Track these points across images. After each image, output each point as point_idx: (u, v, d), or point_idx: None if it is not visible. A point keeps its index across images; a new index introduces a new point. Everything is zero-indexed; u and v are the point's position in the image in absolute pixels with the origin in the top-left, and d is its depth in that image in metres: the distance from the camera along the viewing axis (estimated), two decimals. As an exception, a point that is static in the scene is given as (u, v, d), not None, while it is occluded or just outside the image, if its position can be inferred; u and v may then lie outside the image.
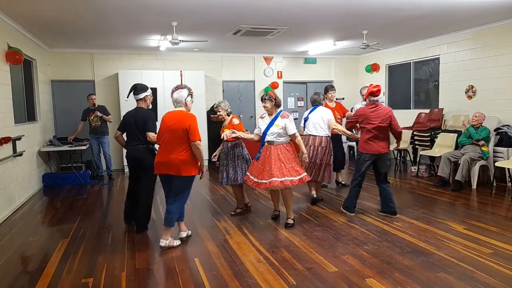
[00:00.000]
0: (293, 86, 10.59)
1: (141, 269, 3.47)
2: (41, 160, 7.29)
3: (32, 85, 7.27)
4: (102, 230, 4.63)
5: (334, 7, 5.56)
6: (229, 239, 4.16)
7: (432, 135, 7.58)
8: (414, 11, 5.87)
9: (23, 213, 5.57)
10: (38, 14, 5.54)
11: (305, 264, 3.48)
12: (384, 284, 3.05)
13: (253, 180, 4.44)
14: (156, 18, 5.92)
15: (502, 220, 4.63)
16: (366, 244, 3.91)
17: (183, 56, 9.40)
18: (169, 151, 3.81)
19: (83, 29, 6.60)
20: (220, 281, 3.18)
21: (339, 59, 10.71)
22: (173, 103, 3.98)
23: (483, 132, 6.24)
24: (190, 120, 3.79)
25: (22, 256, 3.97)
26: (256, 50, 9.47)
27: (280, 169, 4.27)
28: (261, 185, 4.32)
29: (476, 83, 7.33)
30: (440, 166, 6.41)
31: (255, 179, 4.41)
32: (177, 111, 3.94)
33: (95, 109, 7.61)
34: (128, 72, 8.76)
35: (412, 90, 9.18)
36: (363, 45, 7.47)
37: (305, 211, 5.20)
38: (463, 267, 3.33)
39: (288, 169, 4.29)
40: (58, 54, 8.55)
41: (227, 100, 5.38)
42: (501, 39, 6.78)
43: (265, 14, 5.85)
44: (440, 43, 8.08)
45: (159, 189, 7.14)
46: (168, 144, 3.83)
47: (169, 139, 3.82)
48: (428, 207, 5.26)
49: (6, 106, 5.61)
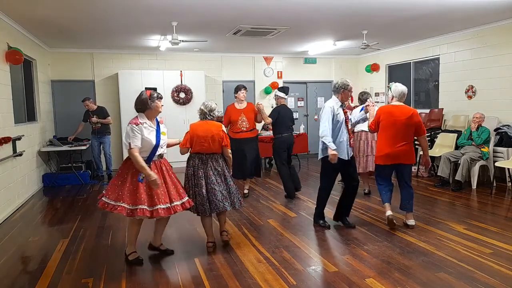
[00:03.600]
0: (293, 86, 10.56)
1: (141, 269, 3.47)
2: (41, 160, 7.29)
3: (32, 85, 7.27)
4: (102, 230, 4.63)
5: (334, 7, 5.56)
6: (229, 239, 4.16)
7: (432, 135, 7.58)
8: (414, 11, 5.87)
9: (23, 213, 5.57)
10: (38, 14, 5.53)
11: (305, 264, 3.48)
12: (384, 284, 3.05)
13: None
14: (156, 18, 5.91)
15: (502, 220, 4.63)
16: (366, 244, 3.91)
17: (183, 56, 9.40)
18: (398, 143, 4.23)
19: (83, 29, 6.60)
20: (220, 281, 3.18)
21: (339, 59, 10.71)
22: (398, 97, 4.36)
23: (483, 134, 6.23)
24: (417, 116, 4.29)
25: (22, 256, 3.97)
26: (256, 50, 9.47)
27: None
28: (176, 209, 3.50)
29: (476, 83, 7.33)
30: (440, 166, 6.41)
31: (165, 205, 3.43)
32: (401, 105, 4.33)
33: (94, 112, 7.65)
34: (128, 72, 8.76)
35: (412, 90, 9.17)
36: (363, 45, 7.47)
37: (305, 211, 5.20)
38: (463, 267, 3.33)
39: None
40: (58, 54, 8.55)
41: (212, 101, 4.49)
42: (501, 39, 6.78)
43: (265, 14, 5.85)
44: (440, 43, 8.08)
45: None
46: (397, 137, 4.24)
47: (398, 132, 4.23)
48: (428, 207, 5.26)
49: (6, 106, 5.61)
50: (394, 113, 4.26)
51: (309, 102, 10.77)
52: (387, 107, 4.41)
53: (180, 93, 9.00)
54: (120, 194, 3.35)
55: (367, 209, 5.23)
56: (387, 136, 4.28)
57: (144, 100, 3.53)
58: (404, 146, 4.24)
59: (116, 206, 3.31)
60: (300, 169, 8.57)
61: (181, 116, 8.99)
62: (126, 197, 3.33)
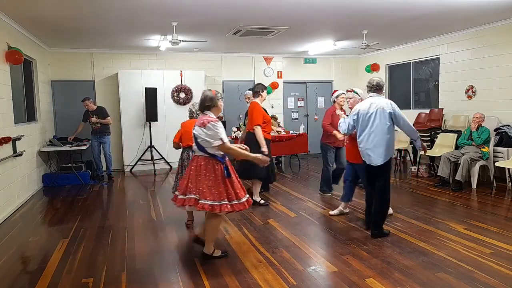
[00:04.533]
0: (293, 86, 10.59)
1: (141, 269, 3.48)
2: (41, 160, 7.29)
3: (32, 85, 7.27)
4: (102, 230, 4.63)
5: (334, 7, 5.56)
6: (229, 239, 4.16)
7: (432, 135, 7.58)
8: (414, 11, 5.87)
9: (23, 213, 5.57)
10: (38, 14, 5.53)
11: (305, 264, 3.48)
12: (384, 284, 3.05)
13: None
14: (156, 18, 5.91)
15: (502, 220, 4.63)
16: (366, 244, 3.91)
17: (183, 56, 9.41)
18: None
19: (83, 29, 6.60)
20: (220, 281, 3.18)
21: (339, 59, 10.71)
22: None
23: (483, 134, 6.23)
24: None
25: (22, 256, 3.97)
26: (256, 50, 9.47)
27: None
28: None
29: (476, 83, 7.33)
30: (440, 166, 6.41)
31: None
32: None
33: (94, 112, 7.66)
34: (128, 72, 8.77)
35: (412, 90, 9.18)
36: (363, 45, 7.47)
37: (305, 211, 5.20)
38: (463, 267, 3.33)
39: None
40: (58, 54, 8.56)
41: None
42: (501, 39, 6.78)
43: (265, 14, 5.85)
44: (440, 43, 8.08)
45: (158, 189, 7.14)
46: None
47: None
48: (428, 207, 5.26)
49: (6, 106, 5.61)
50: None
51: (309, 102, 10.77)
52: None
53: (180, 93, 9.00)
54: (220, 192, 3.38)
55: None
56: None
57: (214, 97, 3.53)
58: None
59: (220, 206, 3.36)
60: (300, 169, 8.58)
61: (181, 116, 8.95)
62: (225, 194, 3.40)
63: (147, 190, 6.94)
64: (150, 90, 8.43)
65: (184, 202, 3.47)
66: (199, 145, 3.43)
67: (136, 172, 8.62)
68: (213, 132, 3.34)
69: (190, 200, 3.41)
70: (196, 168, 3.44)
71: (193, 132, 3.48)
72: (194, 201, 3.39)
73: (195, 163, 3.47)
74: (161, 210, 5.45)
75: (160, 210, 5.45)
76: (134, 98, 8.69)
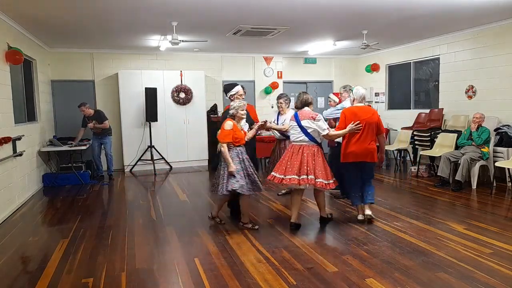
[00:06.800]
0: (293, 86, 10.58)
1: (141, 269, 3.48)
2: (41, 160, 7.29)
3: (32, 85, 7.27)
4: (102, 230, 4.63)
5: (334, 7, 5.56)
6: (229, 239, 4.16)
7: (432, 135, 7.58)
8: (414, 11, 5.87)
9: (23, 213, 5.57)
10: (38, 14, 5.54)
11: (305, 264, 3.48)
12: (384, 284, 3.05)
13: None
14: (156, 18, 5.92)
15: (502, 220, 4.63)
16: (366, 244, 3.91)
17: (183, 56, 9.40)
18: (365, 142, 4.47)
19: (83, 29, 6.60)
20: (220, 281, 3.18)
21: (339, 59, 10.71)
22: (359, 99, 4.57)
23: (483, 134, 6.22)
24: (377, 116, 4.60)
25: (22, 256, 3.97)
26: (256, 50, 9.47)
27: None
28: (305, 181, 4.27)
29: (476, 83, 7.33)
30: (440, 166, 6.41)
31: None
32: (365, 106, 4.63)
33: (91, 117, 7.65)
34: (128, 72, 8.77)
35: (412, 90, 9.18)
36: (363, 45, 7.47)
37: (304, 211, 5.20)
38: (463, 267, 3.33)
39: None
40: (58, 54, 8.55)
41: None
42: (501, 39, 6.78)
43: (265, 14, 5.85)
44: (440, 43, 8.08)
45: (158, 189, 7.13)
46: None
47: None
48: (428, 207, 5.26)
49: (6, 106, 5.61)
50: (358, 114, 4.47)
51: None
52: (350, 109, 4.61)
53: (180, 93, 9.00)
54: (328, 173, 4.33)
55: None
56: (353, 134, 4.45)
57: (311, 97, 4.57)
58: (369, 145, 4.44)
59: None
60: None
61: (181, 116, 9.00)
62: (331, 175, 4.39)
63: (147, 190, 6.94)
64: (150, 90, 8.43)
65: (299, 182, 4.20)
66: (309, 135, 4.28)
67: (136, 172, 8.63)
68: (322, 123, 4.32)
69: (310, 180, 4.19)
70: (310, 154, 4.27)
71: (303, 125, 4.28)
72: (313, 181, 4.19)
73: (308, 150, 4.28)
74: (161, 210, 5.45)
75: (160, 210, 5.45)
76: (134, 98, 8.69)
